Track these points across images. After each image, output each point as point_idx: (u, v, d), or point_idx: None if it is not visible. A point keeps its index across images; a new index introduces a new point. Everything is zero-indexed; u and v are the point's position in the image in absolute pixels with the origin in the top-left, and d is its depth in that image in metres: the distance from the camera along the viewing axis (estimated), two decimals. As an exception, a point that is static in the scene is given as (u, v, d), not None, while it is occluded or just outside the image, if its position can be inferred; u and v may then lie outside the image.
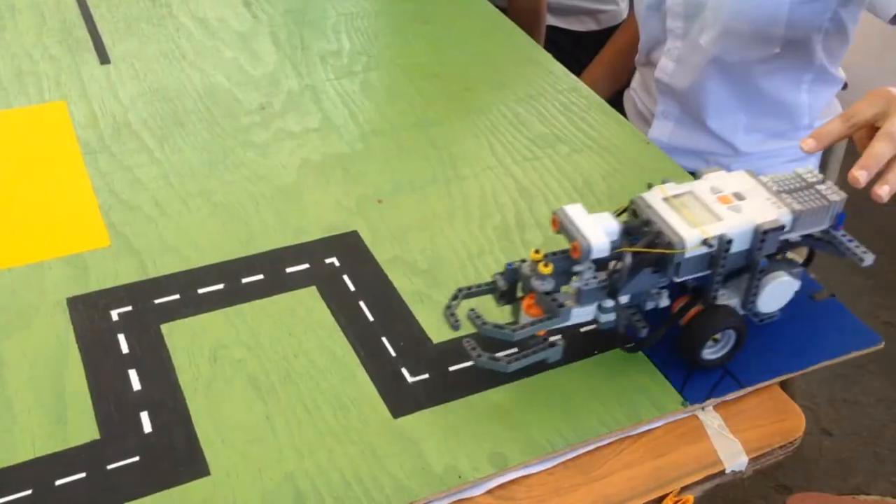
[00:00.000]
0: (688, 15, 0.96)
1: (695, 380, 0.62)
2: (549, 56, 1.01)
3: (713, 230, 0.58)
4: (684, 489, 0.56)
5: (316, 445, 0.58)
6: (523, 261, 0.61)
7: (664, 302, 0.62)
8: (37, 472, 0.55)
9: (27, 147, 0.83)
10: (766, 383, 0.63)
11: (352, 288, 0.70)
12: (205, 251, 0.73)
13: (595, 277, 0.59)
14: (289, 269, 0.72)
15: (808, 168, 0.64)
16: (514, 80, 0.97)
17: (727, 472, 0.57)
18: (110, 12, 1.04)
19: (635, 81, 1.14)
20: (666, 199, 0.61)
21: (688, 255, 0.58)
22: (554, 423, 0.59)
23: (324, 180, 0.82)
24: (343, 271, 0.72)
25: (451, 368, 0.63)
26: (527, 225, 0.76)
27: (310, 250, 0.74)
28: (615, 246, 0.59)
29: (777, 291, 0.63)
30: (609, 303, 0.59)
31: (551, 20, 1.37)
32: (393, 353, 0.65)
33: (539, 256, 0.60)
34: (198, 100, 0.91)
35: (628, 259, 0.58)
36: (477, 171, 0.83)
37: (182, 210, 0.77)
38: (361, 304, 0.69)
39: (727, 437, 0.59)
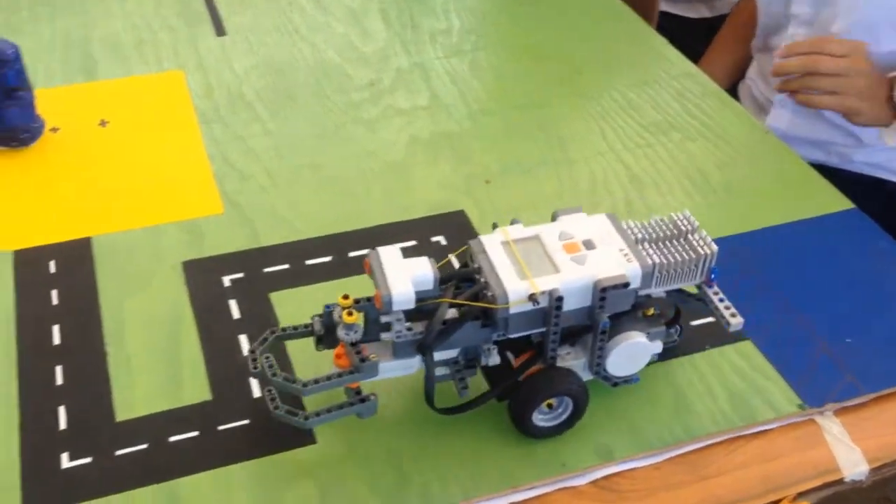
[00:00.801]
0: (818, 0, 0.92)
1: (814, 382, 0.60)
2: (663, 40, 0.98)
3: (544, 284, 0.52)
4: (800, 495, 0.54)
5: (423, 423, 0.58)
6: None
7: (493, 360, 0.55)
8: (152, 427, 0.57)
9: (147, 114, 0.85)
10: (892, 389, 0.60)
11: (457, 266, 0.70)
12: (313, 223, 0.74)
13: (410, 329, 0.54)
14: (397, 245, 0.72)
15: (685, 214, 0.58)
16: (626, 64, 0.95)
17: (846, 480, 0.55)
18: (227, -15, 1.06)
19: (751, 70, 1.11)
20: (506, 244, 0.55)
21: (513, 310, 0.52)
22: (663, 418, 0.58)
23: (432, 158, 0.81)
24: (449, 250, 0.71)
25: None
26: (637, 213, 0.75)
27: (416, 227, 0.74)
28: (431, 295, 0.53)
29: (629, 353, 0.56)
30: (415, 359, 0.54)
31: (664, 5, 1.34)
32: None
33: (348, 303, 0.53)
34: (309, 74, 0.92)
35: (442, 311, 0.52)
36: (587, 155, 0.81)
37: (292, 182, 0.78)
38: (467, 283, 0.69)
39: (847, 445, 0.56)
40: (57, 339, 0.62)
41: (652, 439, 0.57)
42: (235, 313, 0.65)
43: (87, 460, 0.55)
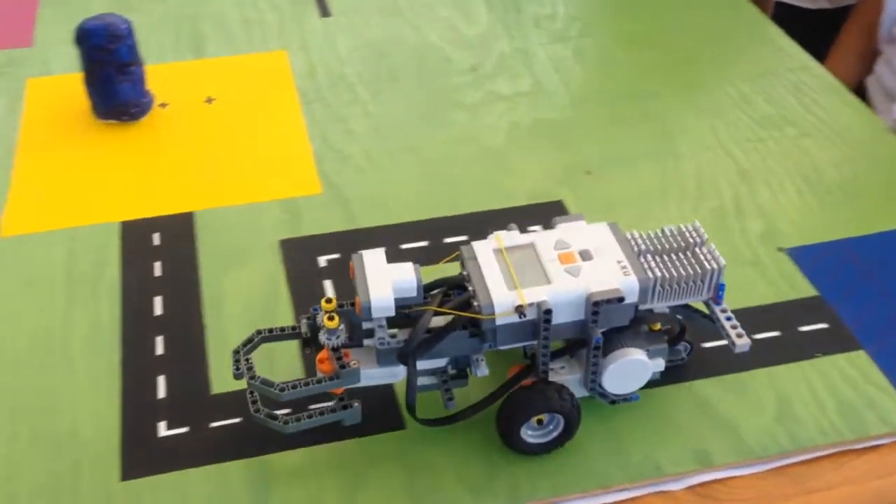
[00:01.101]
0: None
1: (932, 397, 0.56)
2: (779, 31, 0.94)
3: (532, 296, 0.49)
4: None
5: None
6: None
7: (483, 371, 0.53)
8: (246, 402, 0.57)
9: (251, 92, 0.86)
10: None
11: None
12: (410, 207, 0.73)
13: (394, 336, 0.51)
14: (500, 232, 0.70)
15: (695, 225, 0.54)
16: (739, 55, 0.91)
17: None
18: (333, -34, 1.06)
19: (879, 65, 1.05)
20: (498, 251, 0.52)
21: (500, 322, 0.49)
22: (767, 425, 0.55)
23: (532, 146, 0.80)
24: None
25: (656, 352, 0.60)
26: (746, 211, 0.72)
27: (513, 216, 0.72)
28: (415, 302, 0.51)
29: (627, 371, 0.52)
30: (400, 367, 0.52)
31: (779, -5, 1.28)
32: (594, 330, 0.63)
33: (330, 307, 0.51)
34: (411, 57, 0.92)
35: (425, 319, 0.50)
36: (694, 149, 0.79)
37: (391, 164, 0.78)
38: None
39: (968, 465, 0.53)
40: (159, 310, 0.64)
41: (754, 447, 0.54)
42: (330, 293, 0.66)
43: (184, 430, 0.55)
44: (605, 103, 0.85)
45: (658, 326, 0.54)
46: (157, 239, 0.70)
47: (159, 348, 0.61)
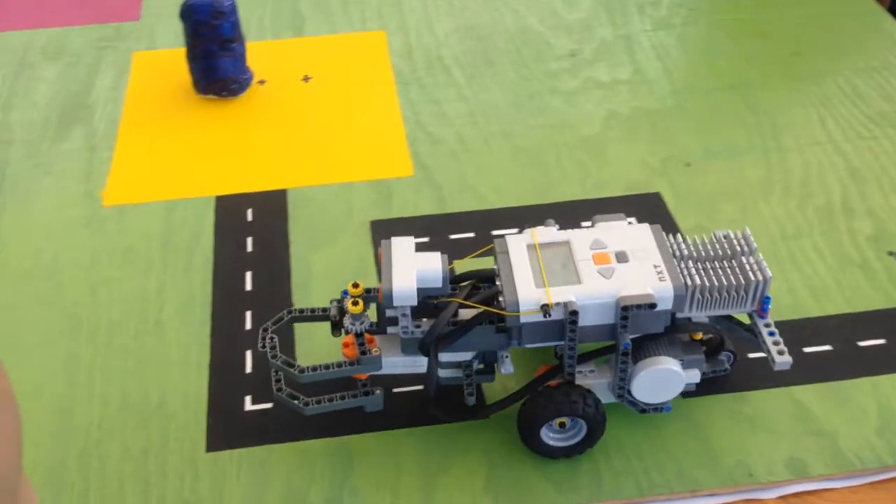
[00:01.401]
0: None
1: None
2: (897, 23, 0.90)
3: (559, 295, 0.47)
4: None
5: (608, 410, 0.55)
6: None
7: (507, 368, 0.51)
8: (331, 382, 0.57)
9: (348, 72, 0.86)
10: None
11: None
12: (502, 193, 0.72)
13: (419, 326, 0.50)
14: (584, 223, 0.69)
15: (745, 233, 0.51)
16: (853, 47, 0.87)
17: None
18: (434, -53, 1.05)
19: None
20: (531, 247, 0.50)
21: (525, 319, 0.47)
22: (867, 437, 0.53)
23: (630, 135, 0.78)
24: (641, 233, 0.68)
25: (752, 356, 0.58)
26: (855, 211, 0.68)
27: (608, 207, 0.71)
28: (442, 293, 0.49)
29: (658, 380, 0.49)
30: (418, 357, 0.51)
31: (897, -15, 1.22)
32: (687, 328, 0.61)
33: (356, 292, 0.51)
34: (509, 40, 0.90)
35: (448, 311, 0.49)
36: (801, 144, 0.75)
37: (483, 149, 0.77)
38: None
39: None
40: (249, 286, 0.64)
41: (852, 458, 0.52)
42: (418, 277, 0.65)
43: (268, 406, 0.56)
44: (708, 93, 0.82)
45: (699, 336, 0.52)
46: (250, 215, 0.70)
47: (248, 323, 0.62)
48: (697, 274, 0.50)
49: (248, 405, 0.56)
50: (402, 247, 0.51)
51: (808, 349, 0.58)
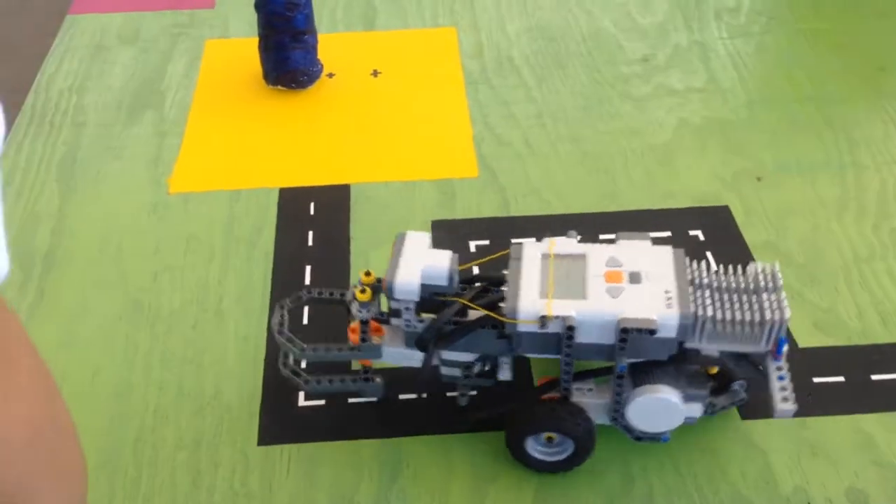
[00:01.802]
0: None
1: None
2: None
3: (560, 309, 0.46)
4: None
5: (653, 427, 0.54)
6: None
7: (504, 374, 0.51)
8: (386, 383, 0.57)
9: (417, 68, 0.86)
10: None
11: (714, 267, 0.65)
12: (566, 199, 0.71)
13: (422, 321, 0.50)
14: (654, 234, 0.67)
15: (774, 268, 0.48)
16: (941, 64, 0.83)
17: None
18: (509, -56, 1.04)
19: None
20: (546, 256, 0.49)
21: (522, 328, 0.46)
22: (937, 473, 0.51)
23: (700, 145, 0.76)
24: (707, 247, 0.67)
25: (816, 380, 0.56)
26: (935, 236, 0.66)
27: (674, 218, 0.69)
28: (447, 291, 0.49)
29: (654, 409, 0.48)
30: (413, 353, 0.51)
31: None
32: (750, 348, 0.59)
33: (368, 280, 0.51)
34: (581, 43, 0.89)
35: (449, 310, 0.48)
36: (880, 162, 0.73)
37: (550, 153, 0.76)
38: (723, 286, 0.64)
39: None
40: (308, 280, 0.64)
41: (919, 497, 0.50)
42: (477, 280, 0.64)
43: (320, 403, 0.56)
44: (785, 106, 0.80)
45: (715, 370, 0.50)
46: (312, 209, 0.70)
47: (305, 318, 0.62)
48: (712, 305, 0.47)
49: (301, 401, 0.56)
50: (416, 241, 0.52)
51: (875, 377, 0.56)
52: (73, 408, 0.55)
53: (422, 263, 0.50)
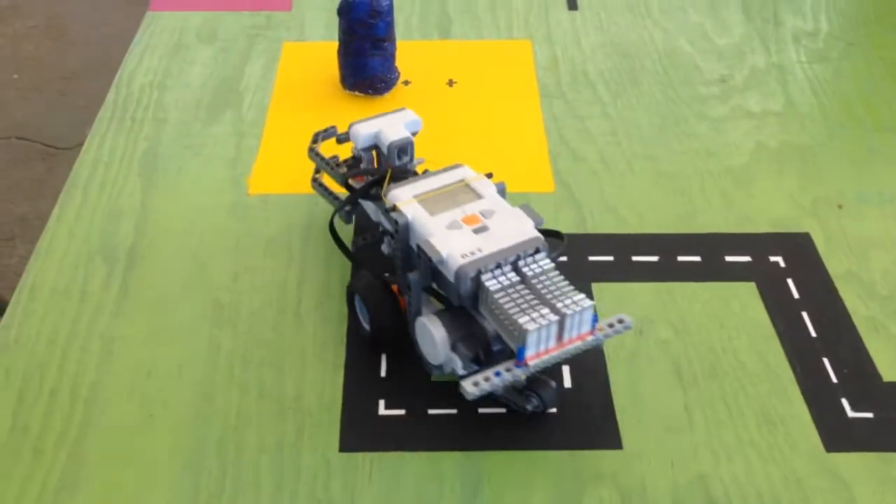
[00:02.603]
0: None
1: None
2: None
3: (409, 208, 0.54)
4: None
5: (735, 454, 0.54)
6: None
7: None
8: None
9: (492, 80, 0.86)
10: None
11: (795, 295, 0.64)
12: (643, 218, 0.71)
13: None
14: (728, 258, 0.67)
15: (579, 298, 0.50)
16: None
17: None
18: (584, -42, 1.04)
19: None
20: (452, 184, 0.57)
21: (367, 207, 0.63)
22: None
23: (778, 170, 0.75)
24: (788, 274, 0.66)
25: (901, 416, 0.56)
26: None
27: (753, 243, 0.69)
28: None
29: (422, 331, 0.54)
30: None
31: None
32: (834, 380, 0.58)
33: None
34: (657, 60, 0.88)
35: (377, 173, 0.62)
36: (965, 197, 0.72)
37: (626, 171, 0.75)
38: (804, 315, 0.63)
39: None
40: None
41: None
42: (555, 296, 0.64)
43: (401, 412, 0.56)
44: (864, 134, 0.79)
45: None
46: (390, 215, 0.71)
47: (384, 325, 0.62)
48: (499, 280, 0.50)
49: (382, 409, 0.56)
50: (400, 118, 0.64)
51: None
52: (162, 402, 0.57)
53: (387, 126, 0.62)
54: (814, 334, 0.62)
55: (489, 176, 0.58)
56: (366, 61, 0.80)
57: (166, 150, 0.76)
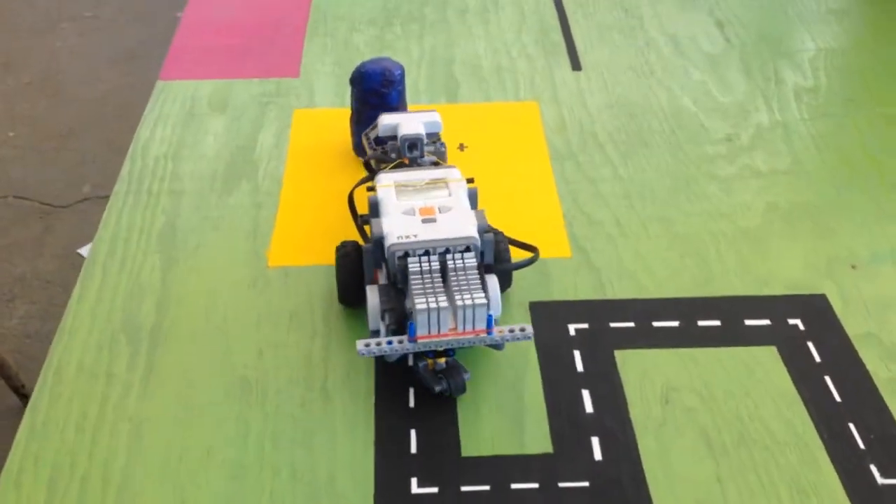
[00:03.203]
0: None
1: None
2: None
3: (383, 179, 0.67)
4: None
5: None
6: None
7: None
8: (496, 470, 0.57)
9: (502, 142, 0.87)
10: None
11: (816, 358, 0.65)
12: (661, 283, 0.72)
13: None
14: (747, 322, 0.68)
15: (478, 296, 0.57)
16: None
17: None
18: (585, 19, 1.06)
19: None
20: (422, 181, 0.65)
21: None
22: None
23: (790, 230, 0.76)
24: (808, 337, 0.67)
25: (935, 480, 0.56)
26: None
27: (771, 306, 0.69)
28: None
29: (367, 298, 0.63)
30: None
31: None
32: (861, 445, 0.59)
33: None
34: (663, 120, 0.90)
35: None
36: (977, 255, 0.73)
37: (641, 235, 0.76)
38: (827, 379, 0.64)
39: None
40: (411, 361, 0.65)
41: None
42: (579, 366, 0.65)
43: (434, 490, 0.56)
44: (871, 191, 0.80)
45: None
46: (410, 286, 0.71)
47: (411, 401, 0.62)
48: (421, 265, 0.59)
49: (415, 488, 0.56)
50: (422, 117, 0.72)
51: None
52: (194, 486, 0.56)
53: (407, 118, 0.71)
54: (838, 399, 0.62)
55: (470, 181, 0.67)
56: (379, 130, 0.81)
57: (184, 224, 0.76)
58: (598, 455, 0.58)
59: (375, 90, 0.79)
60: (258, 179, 0.82)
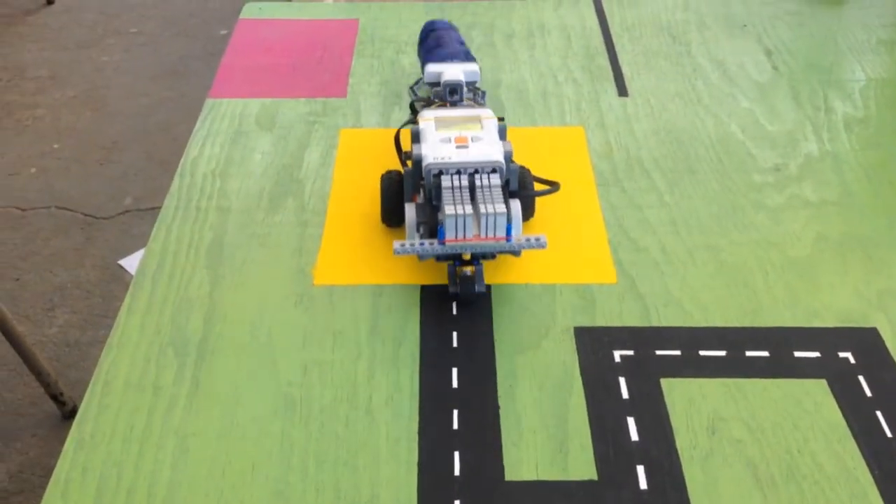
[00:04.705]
0: None
1: None
2: None
3: (426, 115, 0.75)
4: None
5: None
6: None
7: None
8: (540, 495, 0.57)
9: (549, 168, 0.86)
10: None
11: (868, 393, 0.64)
12: (708, 311, 0.71)
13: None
14: (797, 353, 0.67)
15: (500, 207, 0.66)
16: None
17: None
18: (632, 44, 1.06)
19: None
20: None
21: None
22: None
23: (841, 261, 0.75)
24: (859, 371, 0.66)
25: None
26: None
27: (821, 338, 0.68)
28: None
29: (406, 213, 0.73)
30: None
31: None
32: (916, 484, 0.58)
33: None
34: (710, 147, 0.89)
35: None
36: None
37: (687, 262, 0.76)
38: (878, 414, 0.63)
39: None
40: (455, 383, 0.65)
41: None
42: (625, 393, 0.64)
43: (478, 515, 0.56)
44: (924, 223, 0.79)
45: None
46: (454, 308, 0.71)
47: (455, 423, 0.62)
48: (452, 182, 0.68)
49: (459, 511, 0.56)
50: (463, 67, 0.80)
51: None
52: (234, 502, 0.56)
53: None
54: (889, 434, 0.61)
55: (501, 119, 0.74)
56: (426, 151, 0.81)
57: (232, 240, 0.77)
58: (643, 484, 0.58)
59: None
60: (304, 198, 0.82)
